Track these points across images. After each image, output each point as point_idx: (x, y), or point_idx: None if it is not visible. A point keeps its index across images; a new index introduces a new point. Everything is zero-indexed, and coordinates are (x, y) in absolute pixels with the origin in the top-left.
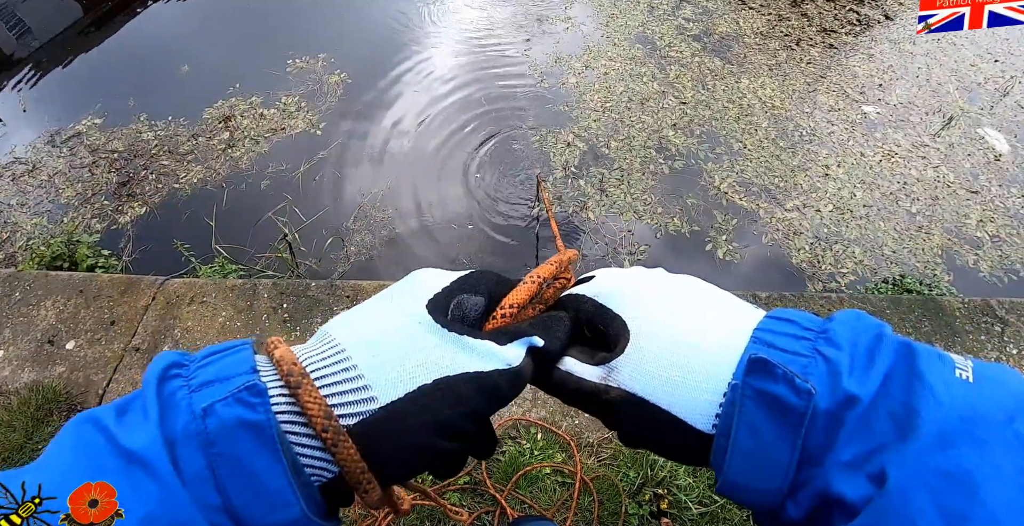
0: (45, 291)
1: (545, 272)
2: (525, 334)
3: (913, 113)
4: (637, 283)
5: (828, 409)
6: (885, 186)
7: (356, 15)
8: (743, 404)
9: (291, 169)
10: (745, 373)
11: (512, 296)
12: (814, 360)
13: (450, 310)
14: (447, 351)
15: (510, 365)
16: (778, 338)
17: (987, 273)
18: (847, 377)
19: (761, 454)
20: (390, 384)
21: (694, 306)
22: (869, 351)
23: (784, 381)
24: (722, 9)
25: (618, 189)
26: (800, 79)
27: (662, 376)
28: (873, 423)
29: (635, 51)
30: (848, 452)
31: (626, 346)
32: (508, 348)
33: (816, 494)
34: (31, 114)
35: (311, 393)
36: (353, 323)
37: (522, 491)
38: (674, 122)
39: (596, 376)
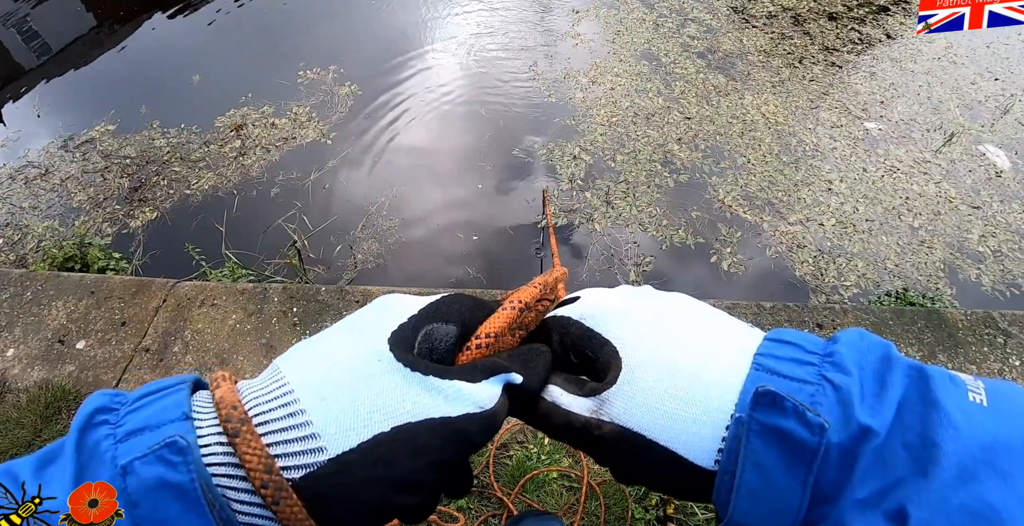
0: (57, 291)
1: (527, 296)
2: (501, 370)
3: (915, 130)
4: (626, 304)
5: (841, 443)
6: (887, 201)
7: (366, 28)
8: (749, 440)
9: (301, 177)
10: (751, 407)
11: (488, 324)
12: (822, 387)
13: (417, 343)
14: (409, 394)
15: (482, 408)
16: (781, 363)
17: (989, 287)
18: (859, 407)
19: (770, 493)
20: (341, 432)
21: (688, 328)
22: (879, 376)
23: (794, 415)
24: (726, 27)
25: (624, 201)
26: (803, 96)
27: (659, 409)
28: (889, 456)
29: (641, 67)
30: (864, 489)
31: (618, 375)
32: (481, 387)
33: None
34: (45, 119)
35: (250, 443)
36: (306, 358)
37: (529, 495)
38: (679, 136)
39: (586, 409)
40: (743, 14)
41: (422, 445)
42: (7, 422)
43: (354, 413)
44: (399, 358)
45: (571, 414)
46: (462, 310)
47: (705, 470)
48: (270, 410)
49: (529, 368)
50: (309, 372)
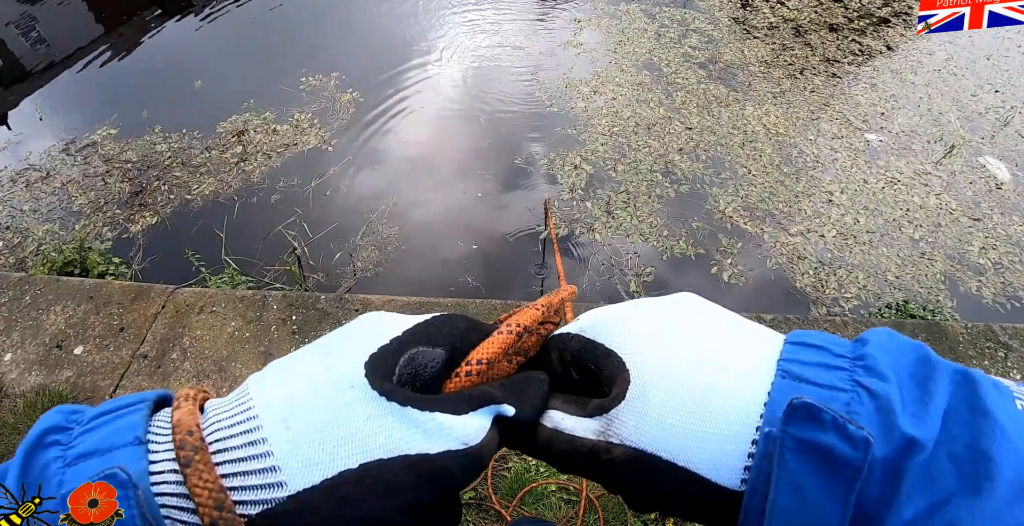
0: (56, 296)
1: (527, 318)
2: (491, 400)
3: (915, 141)
4: (629, 312)
5: (884, 457)
6: (888, 212)
7: (368, 35)
8: (783, 458)
9: (302, 184)
10: (784, 421)
11: (481, 349)
12: (857, 394)
13: (399, 368)
14: (383, 426)
15: (467, 445)
16: (809, 369)
17: (990, 300)
18: (902, 415)
19: (806, 515)
20: (303, 467)
21: (700, 333)
22: (920, 381)
23: (834, 428)
24: (727, 38)
25: (625, 211)
26: (804, 107)
27: (676, 426)
28: (936, 472)
29: (642, 77)
30: (910, 509)
31: (626, 390)
32: (467, 420)
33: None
34: (47, 122)
35: (202, 474)
36: (276, 379)
37: (527, 508)
38: (680, 147)
39: (592, 431)
40: (744, 25)
41: (394, 485)
42: (3, 427)
43: (319, 446)
44: (374, 385)
45: (576, 439)
46: (453, 332)
47: (731, 491)
48: (231, 436)
49: (524, 398)
50: (275, 395)
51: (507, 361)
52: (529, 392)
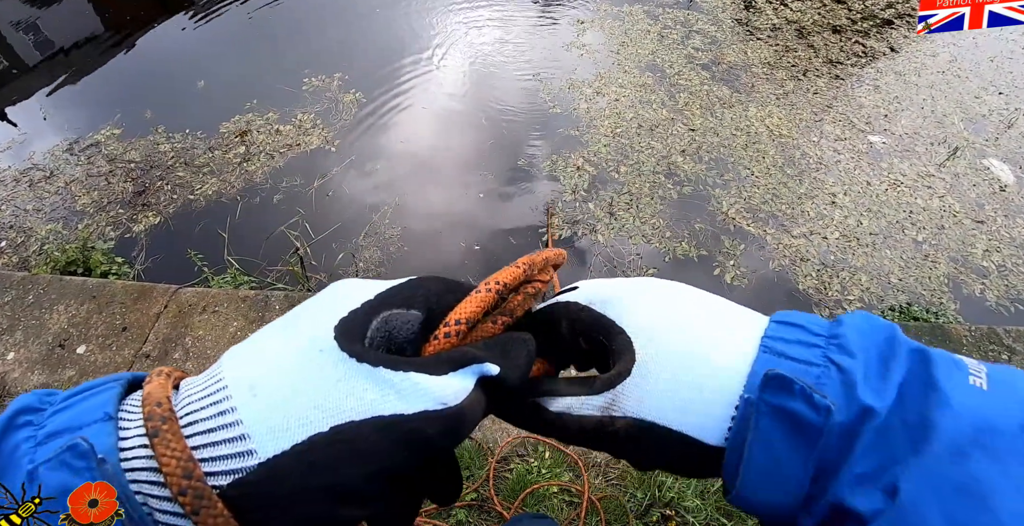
0: (59, 295)
1: (507, 276)
2: (472, 360)
3: (919, 143)
4: (632, 292)
5: (844, 422)
6: (891, 215)
7: (371, 36)
8: (758, 421)
9: (305, 184)
10: (761, 389)
11: (460, 309)
12: (827, 369)
13: (370, 332)
14: (354, 388)
15: (445, 404)
16: (789, 346)
17: (993, 302)
18: (862, 388)
19: (775, 469)
20: (272, 434)
21: (696, 316)
22: (883, 358)
23: (802, 397)
24: (730, 39)
25: (627, 213)
26: (807, 108)
27: (674, 398)
28: (889, 435)
29: (645, 78)
30: (862, 465)
31: (631, 368)
32: (447, 380)
33: (829, 507)
34: (51, 122)
35: (170, 444)
36: (247, 350)
37: (529, 509)
38: (683, 148)
39: (597, 408)
40: (747, 26)
41: (367, 449)
42: None
43: (288, 411)
44: (344, 347)
45: (583, 418)
46: (428, 294)
47: (715, 448)
48: (201, 408)
49: (508, 358)
50: (245, 366)
51: (491, 322)
52: (514, 352)
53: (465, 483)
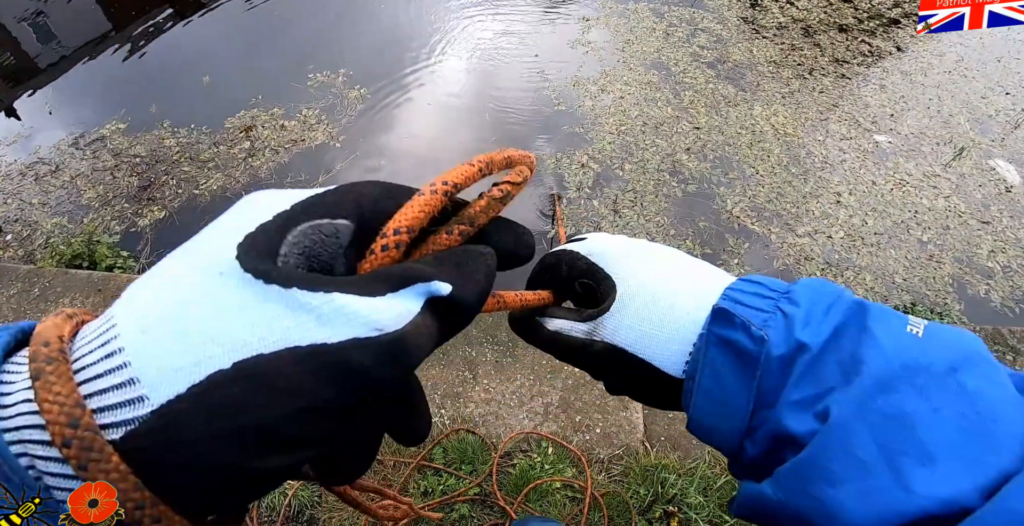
0: (64, 288)
1: (457, 176)
2: (417, 277)
3: (924, 143)
4: (626, 248)
5: (781, 355)
6: (896, 214)
7: (376, 32)
8: (707, 350)
9: (309, 180)
10: (709, 322)
11: (399, 216)
12: (774, 315)
13: (285, 248)
14: (262, 316)
15: (380, 330)
16: (745, 296)
17: (998, 303)
18: (800, 329)
19: (722, 395)
20: (164, 376)
21: (674, 269)
22: (826, 307)
23: (742, 329)
24: (736, 38)
25: (631, 210)
26: (813, 107)
27: (640, 330)
28: (822, 369)
29: (650, 76)
30: (797, 393)
31: (612, 304)
32: (382, 302)
33: (769, 432)
34: (57, 117)
35: (53, 387)
36: (142, 282)
37: (532, 504)
38: (688, 146)
39: (582, 332)
40: (753, 25)
41: (282, 386)
42: None
43: (183, 348)
44: (247, 267)
45: (571, 338)
46: (360, 200)
47: (675, 378)
48: (91, 351)
49: (463, 274)
50: (138, 298)
51: (446, 233)
52: (471, 267)
53: (468, 478)
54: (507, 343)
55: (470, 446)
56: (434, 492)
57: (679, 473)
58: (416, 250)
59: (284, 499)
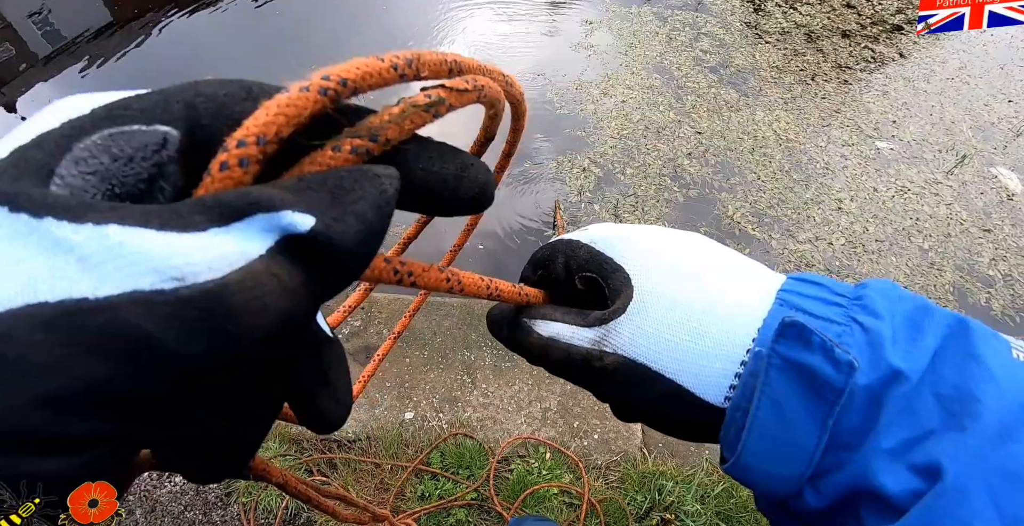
0: None
1: (349, 71)
2: (259, 205)
3: (926, 150)
4: (640, 233)
5: (868, 386)
6: (898, 222)
7: (378, 33)
8: (769, 375)
9: None
10: (774, 339)
11: (249, 123)
12: (850, 328)
13: (64, 166)
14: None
15: (180, 280)
16: (807, 302)
17: (999, 312)
18: (890, 350)
19: (784, 434)
20: None
21: (706, 261)
22: (914, 323)
23: (821, 350)
24: (739, 42)
25: (632, 215)
26: (815, 113)
27: (670, 340)
28: (920, 406)
29: (653, 80)
30: (890, 438)
31: (628, 304)
32: (197, 240)
33: (846, 484)
34: None
35: None
36: None
37: (529, 510)
38: (689, 151)
39: (588, 341)
40: (756, 30)
41: (19, 363)
42: None
43: None
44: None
45: (572, 347)
46: (195, 101)
47: (713, 406)
48: None
49: (338, 202)
50: None
51: (332, 150)
52: (353, 193)
53: (465, 483)
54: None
55: (468, 451)
56: (431, 496)
57: (676, 480)
58: (285, 174)
59: (281, 501)
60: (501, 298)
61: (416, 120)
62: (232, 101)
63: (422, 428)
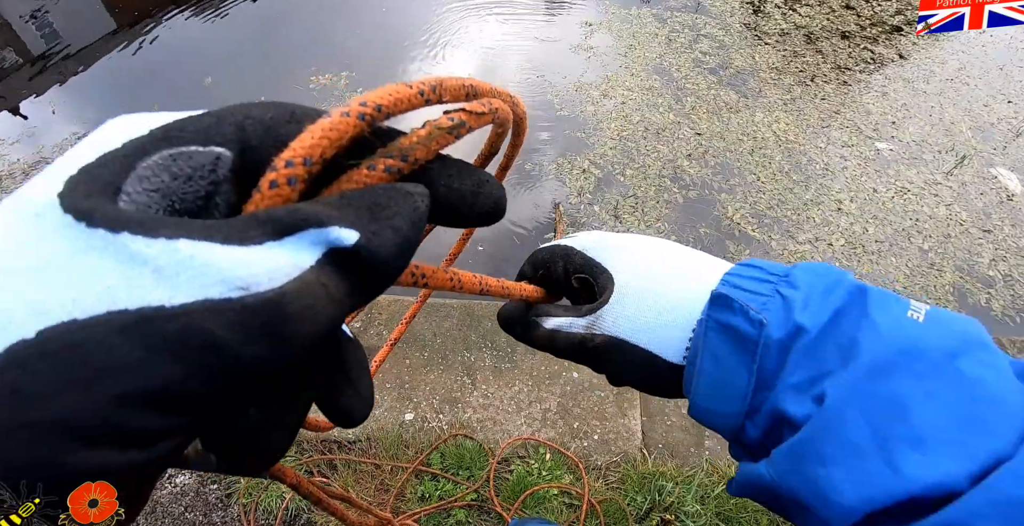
0: None
1: (383, 97)
2: (309, 221)
3: (926, 151)
4: (621, 240)
5: (780, 339)
6: (897, 222)
7: (378, 35)
8: (707, 335)
9: None
10: (708, 308)
11: (296, 145)
12: (773, 298)
13: (131, 183)
14: (79, 268)
15: (245, 290)
16: (743, 280)
17: (999, 312)
18: (799, 311)
19: (723, 379)
20: None
21: (671, 259)
22: (826, 291)
23: (740, 313)
24: (738, 44)
25: (632, 216)
26: (814, 114)
27: (640, 320)
28: (820, 353)
29: (652, 82)
30: (795, 377)
31: (611, 297)
32: (257, 253)
33: (769, 414)
34: (60, 115)
35: None
36: None
37: (529, 511)
38: (689, 152)
39: (582, 327)
40: (756, 31)
41: (105, 363)
42: None
43: None
44: (68, 207)
45: (571, 334)
46: (245, 124)
47: (676, 365)
48: None
49: (377, 218)
50: None
51: (367, 168)
52: (390, 209)
53: (465, 483)
54: (506, 348)
55: (468, 452)
56: (431, 497)
57: (676, 481)
58: (325, 190)
59: (281, 502)
60: (489, 292)
61: (441, 141)
62: (278, 124)
63: (422, 429)
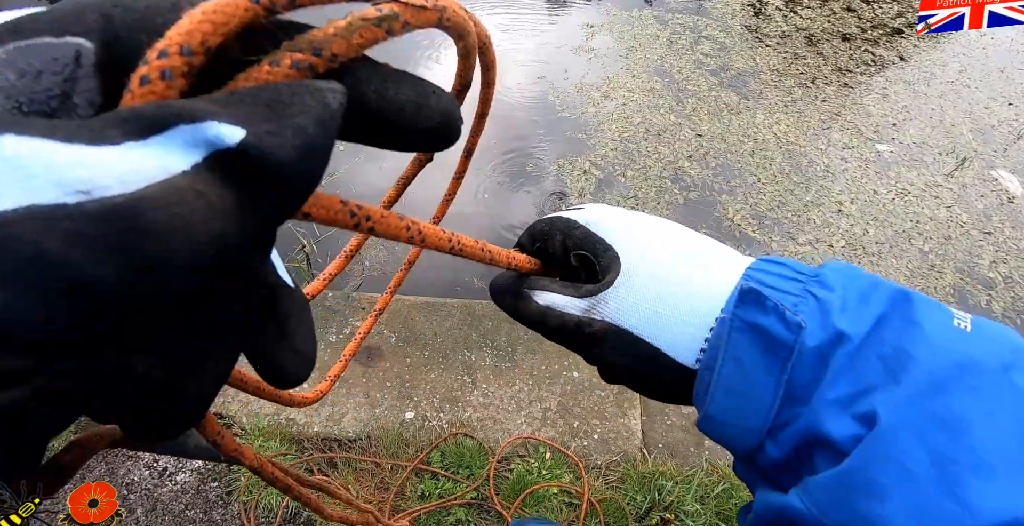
0: None
1: None
2: (181, 116)
3: (926, 153)
4: (631, 219)
5: (816, 346)
6: (898, 224)
7: None
8: (731, 336)
9: None
10: (735, 305)
11: (172, 32)
12: (805, 299)
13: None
14: None
15: (87, 194)
16: (770, 277)
17: (1000, 314)
18: (838, 315)
19: (745, 389)
20: None
21: (685, 245)
22: (863, 295)
23: (775, 313)
24: (739, 46)
25: None
26: (815, 116)
27: (650, 309)
28: (862, 364)
29: (653, 83)
30: (835, 391)
31: (615, 279)
32: (111, 153)
33: (800, 433)
34: None
35: None
36: None
37: (528, 509)
38: (690, 153)
39: (580, 309)
40: (757, 33)
41: None
42: None
43: None
44: None
45: (566, 315)
46: (111, 12)
47: (686, 368)
48: None
49: (275, 114)
50: None
51: (270, 64)
52: (294, 107)
53: (465, 482)
54: (506, 348)
55: (468, 450)
56: (431, 496)
57: (676, 480)
58: (225, 85)
59: (282, 500)
60: (464, 254)
61: (366, 35)
62: (155, 12)
63: (422, 428)
